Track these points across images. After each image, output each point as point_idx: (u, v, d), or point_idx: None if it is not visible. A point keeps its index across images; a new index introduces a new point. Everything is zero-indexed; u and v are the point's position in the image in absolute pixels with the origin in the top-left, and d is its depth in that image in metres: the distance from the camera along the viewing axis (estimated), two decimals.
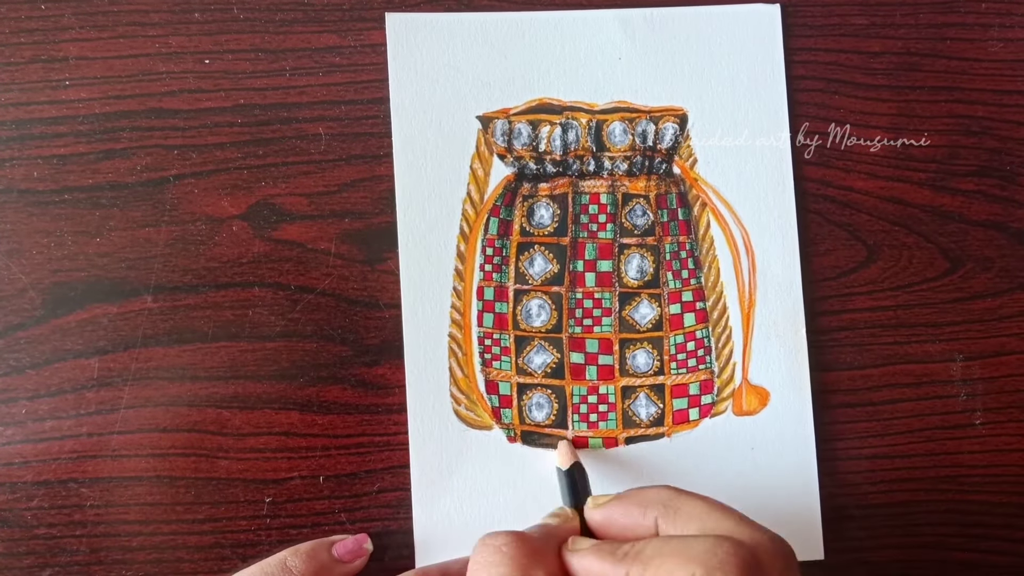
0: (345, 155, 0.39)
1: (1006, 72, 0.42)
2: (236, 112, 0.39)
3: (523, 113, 0.40)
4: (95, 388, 0.38)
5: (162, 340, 0.38)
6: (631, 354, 0.39)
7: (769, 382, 0.39)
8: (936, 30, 0.42)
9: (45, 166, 0.38)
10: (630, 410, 0.39)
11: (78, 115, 0.38)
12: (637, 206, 0.40)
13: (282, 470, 0.38)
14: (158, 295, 0.38)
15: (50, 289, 0.38)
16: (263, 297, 0.38)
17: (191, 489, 0.38)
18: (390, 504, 0.38)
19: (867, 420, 0.40)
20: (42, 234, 0.38)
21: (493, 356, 0.39)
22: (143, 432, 0.38)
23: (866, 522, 0.39)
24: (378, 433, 0.38)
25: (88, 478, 0.37)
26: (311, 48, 0.39)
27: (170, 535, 0.37)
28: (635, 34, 0.40)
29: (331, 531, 0.38)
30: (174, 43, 0.39)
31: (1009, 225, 0.41)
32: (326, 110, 0.39)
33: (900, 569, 0.39)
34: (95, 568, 0.37)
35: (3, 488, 0.37)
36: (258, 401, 0.38)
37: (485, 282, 0.39)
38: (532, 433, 0.39)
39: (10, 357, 0.38)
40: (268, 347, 0.38)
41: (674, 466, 0.39)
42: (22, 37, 0.39)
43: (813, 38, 0.41)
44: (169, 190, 0.39)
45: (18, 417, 0.37)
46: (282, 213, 0.39)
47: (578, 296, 0.39)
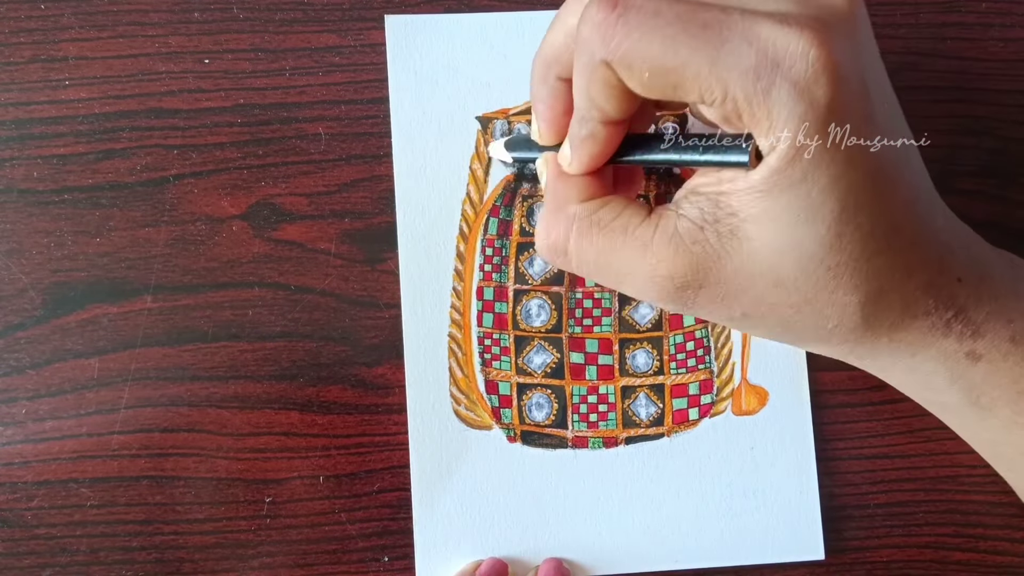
0: (345, 155, 0.39)
1: (1006, 72, 0.42)
2: (236, 112, 0.39)
3: (523, 113, 0.40)
4: (95, 388, 0.38)
5: (162, 340, 0.38)
6: (631, 354, 0.39)
7: (768, 382, 0.39)
8: (936, 30, 0.42)
9: (45, 166, 0.38)
10: (630, 410, 0.39)
11: (78, 115, 0.38)
12: None
13: (282, 470, 0.38)
14: (158, 295, 0.38)
15: (50, 289, 0.38)
16: (263, 297, 0.39)
17: (191, 489, 0.38)
18: (390, 504, 0.38)
19: (867, 420, 0.40)
20: (42, 234, 0.38)
21: (493, 356, 0.39)
22: (143, 432, 0.38)
23: (866, 522, 0.39)
24: (378, 433, 0.38)
25: (88, 478, 0.37)
26: (311, 48, 0.39)
27: (170, 535, 0.38)
28: None
29: (331, 531, 0.38)
30: (174, 43, 0.39)
31: (1009, 225, 0.41)
32: (326, 110, 0.39)
33: (900, 569, 0.39)
34: (95, 568, 0.37)
35: (3, 488, 0.37)
36: (258, 401, 0.38)
37: (485, 282, 0.39)
38: (532, 433, 0.39)
39: (10, 357, 0.38)
40: (268, 347, 0.38)
41: (674, 465, 0.39)
42: (22, 37, 0.39)
43: None
44: (169, 190, 0.39)
45: (18, 417, 0.37)
46: (282, 213, 0.39)
47: (578, 296, 0.39)
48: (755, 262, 0.27)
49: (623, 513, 0.39)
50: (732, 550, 0.39)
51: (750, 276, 0.27)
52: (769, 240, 0.26)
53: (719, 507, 0.39)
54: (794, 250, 0.26)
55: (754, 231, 0.26)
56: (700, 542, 0.39)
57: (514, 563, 0.38)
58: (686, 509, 0.39)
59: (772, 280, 0.27)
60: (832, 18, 0.25)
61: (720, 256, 0.27)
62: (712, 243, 0.27)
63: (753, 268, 0.27)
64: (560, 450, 0.39)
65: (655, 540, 0.38)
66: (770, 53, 0.24)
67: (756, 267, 0.27)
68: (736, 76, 0.24)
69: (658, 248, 0.27)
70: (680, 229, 0.27)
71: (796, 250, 0.26)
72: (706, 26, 0.24)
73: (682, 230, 0.27)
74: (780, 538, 0.39)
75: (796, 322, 0.28)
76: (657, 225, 0.28)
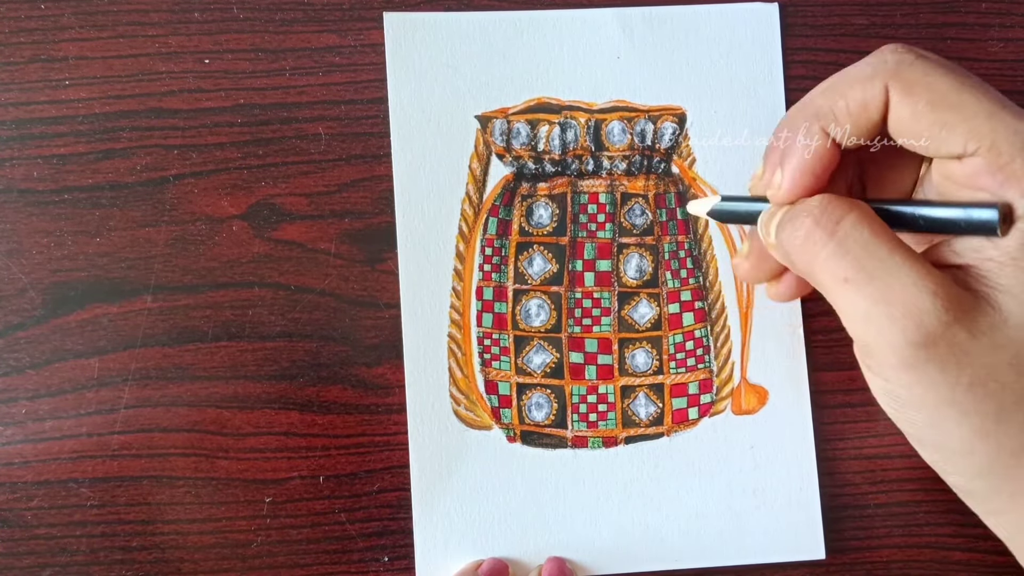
0: (345, 155, 0.39)
1: (1006, 72, 0.42)
2: (236, 112, 0.39)
3: (522, 112, 0.40)
4: (95, 388, 0.38)
5: (162, 340, 0.38)
6: (630, 353, 0.39)
7: (768, 381, 0.39)
8: (936, 30, 0.42)
9: (45, 166, 0.38)
10: (629, 410, 0.39)
11: (78, 115, 0.38)
12: (636, 206, 0.40)
13: (282, 470, 0.38)
14: (158, 295, 0.38)
15: (50, 289, 0.38)
16: (263, 297, 0.39)
17: (191, 489, 0.38)
18: (390, 504, 0.38)
19: (867, 420, 0.40)
20: (42, 234, 0.38)
21: (492, 356, 0.39)
22: (143, 432, 0.38)
23: (866, 522, 0.39)
24: (378, 433, 0.38)
25: (88, 478, 0.37)
26: (311, 48, 0.39)
27: (170, 535, 0.38)
28: (634, 33, 0.40)
29: (331, 531, 0.38)
30: (174, 43, 0.39)
31: None
32: (326, 110, 0.39)
33: (900, 569, 0.39)
34: (95, 568, 0.37)
35: (3, 488, 0.37)
36: (258, 401, 0.38)
37: (484, 282, 0.39)
38: (532, 433, 0.39)
39: (10, 357, 0.38)
40: (268, 347, 0.38)
41: (674, 465, 0.39)
42: (22, 37, 0.39)
43: (813, 38, 0.41)
44: (169, 190, 0.39)
45: (18, 417, 0.37)
46: (282, 213, 0.39)
47: (577, 296, 0.39)
48: (1004, 330, 0.25)
49: (623, 513, 0.39)
50: (732, 549, 0.39)
51: (992, 346, 0.25)
52: (1020, 313, 0.25)
53: (719, 506, 0.39)
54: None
55: (1005, 302, 0.25)
56: (700, 541, 0.39)
57: (514, 563, 0.38)
58: (686, 509, 0.39)
59: (1012, 354, 0.25)
60: None
61: (968, 314, 0.25)
62: (968, 298, 0.25)
63: (997, 338, 0.25)
64: (560, 450, 0.39)
65: (655, 540, 0.38)
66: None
67: (1000, 338, 0.25)
68: (1008, 132, 0.24)
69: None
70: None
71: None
72: (993, 94, 0.25)
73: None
74: (780, 537, 0.39)
75: (1004, 419, 0.26)
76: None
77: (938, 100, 0.25)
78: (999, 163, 0.25)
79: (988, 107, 0.25)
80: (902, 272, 0.25)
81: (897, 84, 0.26)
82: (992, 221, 0.24)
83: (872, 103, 0.27)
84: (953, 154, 0.26)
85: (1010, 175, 0.25)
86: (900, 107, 0.26)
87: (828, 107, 0.28)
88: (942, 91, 0.25)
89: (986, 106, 0.25)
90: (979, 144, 0.25)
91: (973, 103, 0.25)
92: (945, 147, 0.26)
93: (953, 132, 0.25)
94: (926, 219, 0.27)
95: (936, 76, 0.26)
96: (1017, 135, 0.24)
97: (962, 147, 0.25)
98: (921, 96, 0.26)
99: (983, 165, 0.25)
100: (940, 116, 0.25)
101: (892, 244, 0.26)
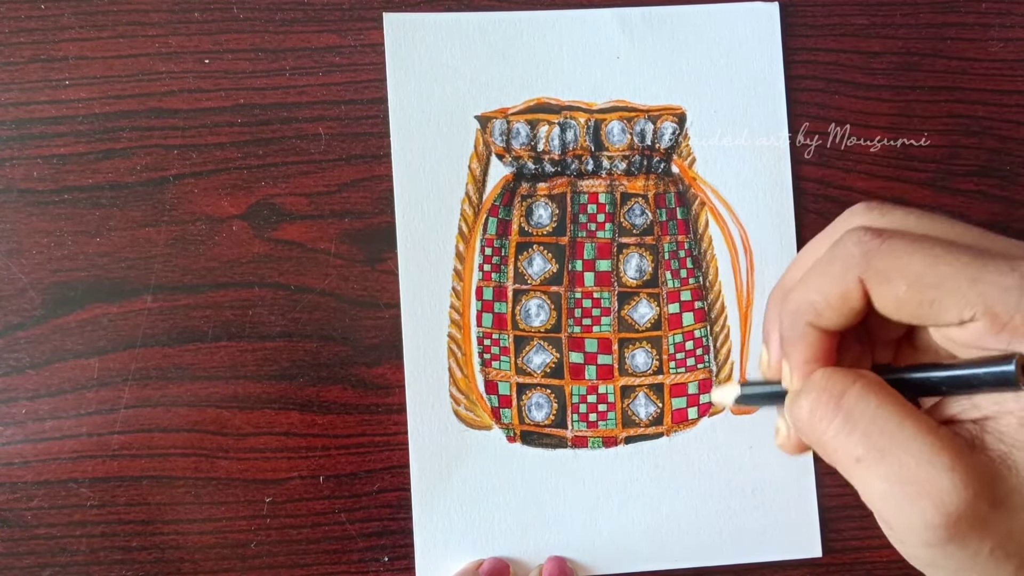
0: (345, 155, 0.39)
1: (1006, 72, 0.42)
2: (236, 112, 0.39)
3: (521, 113, 0.40)
4: (95, 388, 0.38)
5: (162, 340, 0.38)
6: (630, 353, 0.39)
7: None
8: (936, 30, 0.42)
9: (45, 166, 0.38)
10: (629, 409, 0.39)
11: (78, 115, 0.38)
12: (636, 205, 0.40)
13: (282, 470, 0.38)
14: (158, 295, 0.38)
15: (50, 289, 0.38)
16: (263, 297, 0.39)
17: (191, 489, 0.38)
18: (390, 504, 0.38)
19: None
20: (42, 234, 0.38)
21: (492, 356, 0.39)
22: (143, 432, 0.38)
23: (864, 521, 0.39)
24: (378, 433, 0.38)
25: (88, 478, 0.37)
26: (311, 48, 0.39)
27: (170, 535, 0.38)
28: (633, 33, 0.40)
29: (331, 531, 0.38)
30: (174, 43, 0.39)
31: (1009, 225, 0.41)
32: (326, 110, 0.39)
33: (900, 569, 0.39)
34: (95, 568, 0.37)
35: (3, 488, 0.37)
36: (258, 401, 0.38)
37: (484, 282, 0.39)
38: (532, 433, 0.39)
39: (10, 357, 0.38)
40: (268, 347, 0.38)
41: (673, 465, 0.39)
42: (22, 37, 0.39)
43: (813, 38, 0.41)
44: (169, 190, 0.39)
45: (18, 417, 0.37)
46: (282, 213, 0.39)
47: (577, 296, 0.39)
48: (1022, 492, 0.24)
49: (623, 512, 0.39)
50: (731, 548, 0.39)
51: (1011, 511, 0.24)
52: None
53: (718, 506, 0.39)
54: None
55: (1022, 461, 0.24)
56: (699, 541, 0.39)
57: (514, 563, 0.38)
58: (685, 508, 0.39)
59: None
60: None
61: (987, 485, 0.24)
62: (985, 464, 0.25)
63: (1015, 502, 0.24)
64: (560, 450, 0.39)
65: (654, 539, 0.39)
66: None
67: (1019, 500, 0.24)
68: (998, 292, 0.24)
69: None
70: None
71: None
72: (967, 252, 0.25)
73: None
74: (778, 536, 0.39)
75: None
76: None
77: (917, 282, 0.25)
78: (1000, 323, 0.24)
79: (970, 272, 0.24)
80: (914, 447, 0.24)
81: (871, 276, 0.25)
82: (1010, 375, 0.24)
83: (850, 296, 0.26)
84: (951, 324, 0.25)
85: (1014, 332, 0.24)
86: (881, 297, 0.25)
87: (807, 303, 0.27)
88: (918, 272, 0.25)
89: (968, 272, 0.24)
90: (973, 311, 0.24)
91: (952, 275, 0.24)
92: (941, 319, 0.25)
93: (942, 307, 0.25)
94: (942, 380, 0.26)
95: (908, 256, 0.25)
96: (1008, 292, 0.24)
97: (957, 317, 0.25)
98: (899, 284, 0.25)
99: (984, 328, 0.24)
100: (925, 296, 0.25)
101: (901, 414, 0.25)
